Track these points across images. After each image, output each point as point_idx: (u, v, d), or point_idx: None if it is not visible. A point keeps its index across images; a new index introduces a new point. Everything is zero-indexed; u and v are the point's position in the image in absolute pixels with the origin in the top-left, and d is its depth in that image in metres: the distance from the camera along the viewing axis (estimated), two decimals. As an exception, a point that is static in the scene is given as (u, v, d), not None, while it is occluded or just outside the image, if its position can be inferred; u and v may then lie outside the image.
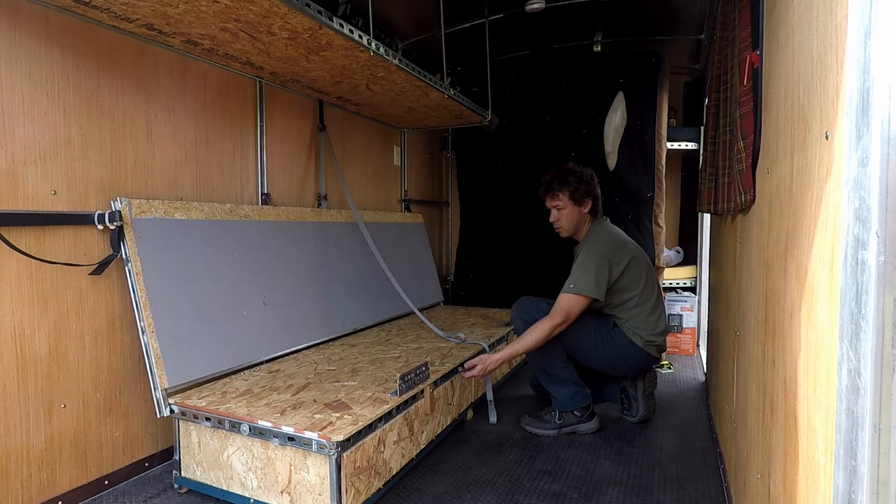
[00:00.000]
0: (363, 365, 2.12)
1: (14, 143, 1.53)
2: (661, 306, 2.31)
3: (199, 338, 1.89)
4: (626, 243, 2.29)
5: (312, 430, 1.47)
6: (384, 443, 1.67)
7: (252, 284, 2.17)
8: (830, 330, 0.66)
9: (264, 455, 1.57)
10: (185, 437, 1.74)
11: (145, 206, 1.82)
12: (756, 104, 1.32)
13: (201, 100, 2.12)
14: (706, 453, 2.05)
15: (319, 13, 1.70)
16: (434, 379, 1.99)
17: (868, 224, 0.52)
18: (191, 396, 1.74)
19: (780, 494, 0.96)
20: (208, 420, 1.65)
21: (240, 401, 1.70)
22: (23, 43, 1.55)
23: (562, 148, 3.51)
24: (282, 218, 2.44)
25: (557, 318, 2.10)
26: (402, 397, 1.77)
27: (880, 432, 0.51)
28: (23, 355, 1.56)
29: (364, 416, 1.58)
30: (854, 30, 0.56)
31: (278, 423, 1.52)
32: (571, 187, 2.25)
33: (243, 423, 1.57)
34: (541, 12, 2.87)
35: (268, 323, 2.19)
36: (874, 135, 0.51)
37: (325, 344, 2.47)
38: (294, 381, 1.91)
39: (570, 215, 2.28)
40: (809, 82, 0.81)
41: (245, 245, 2.18)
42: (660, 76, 3.32)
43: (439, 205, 4.25)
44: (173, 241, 1.88)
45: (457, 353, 2.33)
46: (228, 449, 1.64)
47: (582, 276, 2.13)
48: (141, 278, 1.75)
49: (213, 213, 2.08)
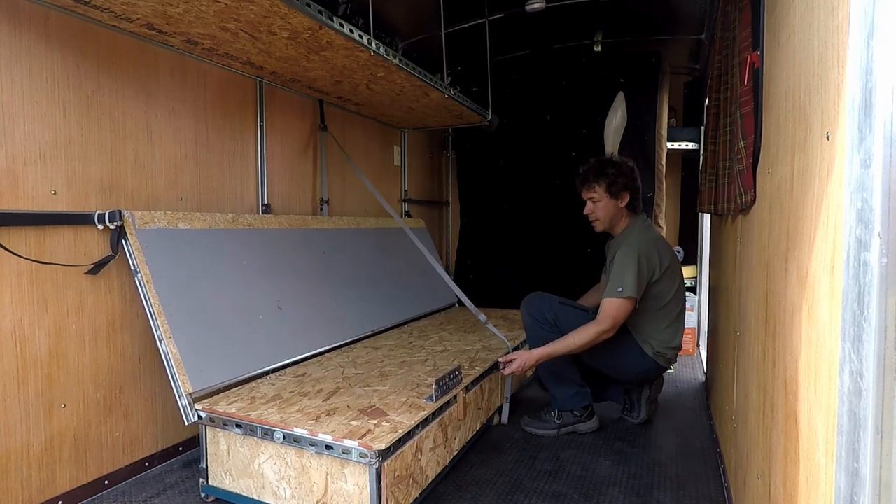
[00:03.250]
0: (391, 368, 2.08)
1: (14, 143, 1.53)
2: (682, 322, 2.23)
3: (217, 342, 1.86)
4: (667, 248, 2.23)
5: (352, 439, 1.41)
6: (421, 450, 1.62)
7: (264, 290, 2.15)
8: (831, 331, 0.66)
9: (299, 464, 1.51)
10: (212, 445, 1.67)
11: (148, 217, 1.81)
12: (757, 104, 1.32)
13: (201, 99, 2.12)
14: (706, 453, 2.05)
15: (320, 13, 1.70)
16: (466, 383, 1.93)
17: (870, 225, 0.52)
18: (219, 402, 1.69)
19: (781, 495, 0.96)
20: (239, 427, 1.59)
21: (270, 407, 1.64)
22: (23, 43, 1.55)
23: (562, 148, 3.51)
24: (284, 226, 2.43)
25: (604, 324, 2.02)
26: (437, 402, 1.70)
27: (882, 434, 0.51)
28: (23, 355, 1.56)
29: (402, 423, 1.52)
30: (856, 30, 0.56)
31: (315, 431, 1.46)
32: (608, 179, 2.17)
33: (277, 431, 1.51)
34: (541, 12, 2.86)
35: (285, 326, 2.16)
36: (877, 136, 0.51)
37: (348, 346, 2.42)
38: (323, 386, 1.85)
39: (605, 208, 2.19)
40: (810, 83, 0.81)
41: (252, 252, 2.16)
42: (660, 76, 3.32)
43: (439, 205, 4.25)
44: (180, 250, 1.87)
45: (484, 356, 2.27)
46: (260, 457, 1.58)
47: (627, 277, 2.03)
48: (152, 286, 1.72)
49: (215, 222, 2.07)
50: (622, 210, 2.21)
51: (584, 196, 2.24)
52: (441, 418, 1.74)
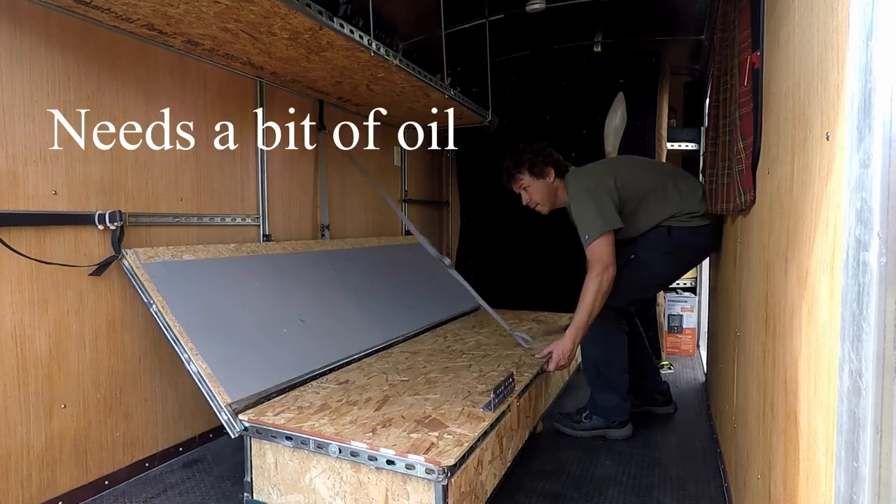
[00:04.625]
0: (436, 375, 2.01)
1: (15, 143, 1.53)
2: (684, 185, 2.15)
3: (246, 356, 1.81)
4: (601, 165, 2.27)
5: (416, 453, 1.33)
6: (482, 463, 1.54)
7: (282, 306, 2.12)
8: (831, 331, 0.66)
9: (355, 479, 1.43)
10: (258, 458, 1.59)
11: (151, 252, 1.82)
12: (756, 105, 1.32)
13: (202, 100, 2.12)
14: (706, 453, 2.05)
15: (320, 13, 1.70)
16: (518, 391, 1.88)
17: (870, 225, 0.52)
18: (265, 412, 1.61)
19: (781, 495, 0.96)
20: (289, 439, 1.51)
21: (321, 417, 1.57)
22: (24, 43, 1.55)
23: (562, 148, 3.48)
24: (288, 251, 2.43)
25: (596, 267, 2.03)
26: (496, 412, 1.63)
27: (882, 434, 0.51)
28: (23, 355, 1.56)
29: (466, 436, 1.44)
30: (855, 30, 0.56)
31: (375, 445, 1.38)
32: (528, 164, 2.23)
33: (332, 444, 1.43)
34: (541, 13, 2.86)
35: (312, 336, 2.12)
36: (876, 136, 0.51)
37: (385, 351, 2.36)
38: (371, 394, 1.79)
39: (539, 190, 2.25)
40: (810, 83, 0.81)
41: (262, 274, 2.14)
42: (660, 76, 3.32)
43: (439, 205, 4.25)
44: (189, 278, 1.85)
45: (528, 360, 2.21)
46: (311, 471, 1.50)
47: (588, 221, 2.05)
48: (169, 311, 1.70)
49: (218, 252, 2.07)
50: (554, 184, 2.26)
51: (516, 190, 2.30)
52: (497, 429, 1.65)
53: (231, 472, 1.91)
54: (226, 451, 2.09)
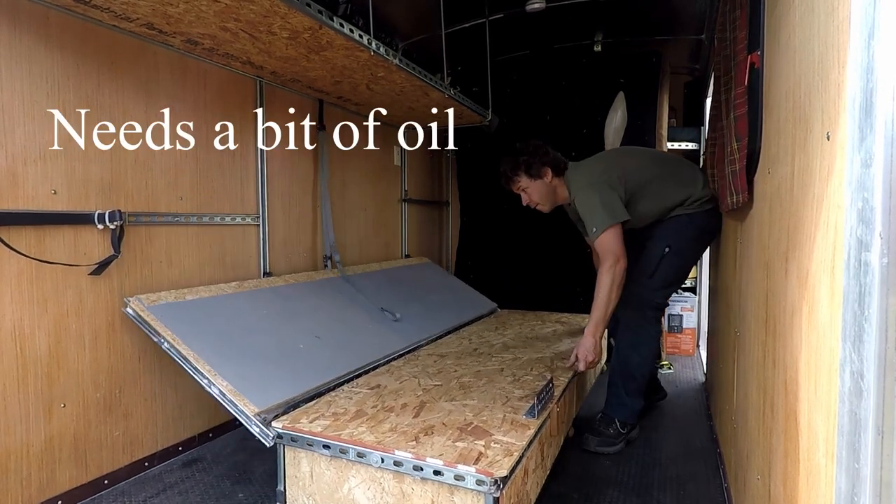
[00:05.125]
0: (469, 379, 1.94)
1: (14, 143, 1.53)
2: (685, 173, 2.18)
3: (266, 371, 1.77)
4: (602, 158, 2.27)
5: (466, 464, 1.27)
6: (527, 473, 1.48)
7: (294, 327, 2.08)
8: (832, 331, 0.66)
9: (398, 489, 1.37)
10: (292, 466, 1.53)
11: (154, 297, 1.82)
12: (752, 106, 1.32)
13: (201, 99, 2.12)
14: (706, 453, 2.05)
15: (320, 13, 1.70)
16: (557, 396, 1.82)
17: (871, 225, 0.52)
18: (299, 419, 1.56)
19: (781, 495, 0.96)
20: (327, 448, 1.44)
21: (358, 424, 1.52)
22: (23, 42, 1.54)
23: (562, 148, 3.47)
24: (290, 282, 2.41)
25: (609, 259, 2.02)
26: (539, 419, 1.56)
27: (883, 434, 0.51)
28: (23, 355, 1.56)
29: (515, 445, 1.38)
30: (857, 30, 0.56)
31: (421, 455, 1.32)
32: (524, 165, 2.22)
33: (374, 453, 1.37)
34: (541, 12, 2.86)
35: (332, 347, 2.09)
36: (878, 136, 0.51)
37: (412, 353, 2.31)
38: (406, 400, 1.72)
39: (537, 190, 2.24)
40: (811, 83, 0.81)
41: (268, 304, 2.13)
42: (660, 76, 3.32)
43: (439, 205, 4.24)
44: (195, 314, 1.85)
45: (560, 363, 2.14)
46: (350, 481, 1.44)
47: (595, 214, 2.05)
48: (181, 342, 1.69)
49: (220, 290, 2.07)
50: (553, 183, 2.24)
51: (515, 191, 2.29)
52: (540, 436, 1.58)
53: (230, 472, 1.91)
54: (225, 450, 2.09)
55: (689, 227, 2.14)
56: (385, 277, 3.02)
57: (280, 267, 2.55)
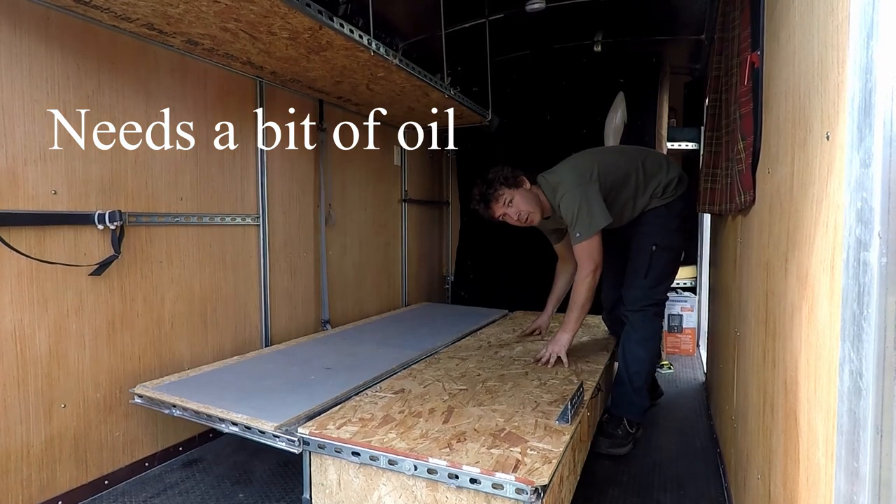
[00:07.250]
0: (494, 383, 1.89)
1: (14, 143, 1.53)
2: (650, 162, 2.20)
3: (279, 399, 1.71)
4: (581, 157, 2.25)
5: (505, 472, 1.23)
6: (563, 480, 1.45)
7: (303, 368, 2.05)
8: (831, 331, 0.66)
9: (431, 498, 1.33)
10: (318, 474, 1.49)
11: (157, 382, 1.82)
12: (756, 105, 1.32)
13: (201, 99, 2.12)
14: (706, 453, 2.06)
15: (320, 13, 1.70)
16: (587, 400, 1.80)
17: (870, 225, 0.52)
18: (326, 424, 1.51)
19: (781, 495, 0.96)
20: (356, 455, 1.39)
21: (388, 430, 1.47)
22: (23, 42, 1.55)
23: (562, 148, 3.48)
24: (291, 345, 2.40)
25: (589, 266, 2.05)
26: (573, 424, 1.52)
27: (882, 434, 0.51)
28: (23, 355, 1.56)
29: (551, 451, 1.34)
30: (856, 30, 0.56)
31: (456, 462, 1.28)
32: (499, 181, 2.16)
33: (406, 460, 1.33)
34: (541, 12, 2.86)
35: (345, 371, 2.02)
36: (877, 136, 0.51)
37: (433, 357, 2.27)
38: (433, 405, 1.67)
39: (523, 198, 2.16)
40: (810, 83, 0.81)
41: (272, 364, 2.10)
42: (660, 76, 3.32)
43: (439, 205, 4.25)
44: (200, 384, 1.83)
45: (583, 367, 2.11)
46: (380, 489, 1.40)
47: (581, 219, 2.05)
48: (189, 401, 1.67)
49: (223, 363, 2.07)
50: (533, 191, 2.20)
51: (499, 212, 2.19)
52: (572, 442, 1.54)
53: (230, 472, 1.91)
54: (225, 451, 2.10)
55: (669, 218, 2.17)
56: (389, 321, 3.04)
57: (280, 267, 2.55)
